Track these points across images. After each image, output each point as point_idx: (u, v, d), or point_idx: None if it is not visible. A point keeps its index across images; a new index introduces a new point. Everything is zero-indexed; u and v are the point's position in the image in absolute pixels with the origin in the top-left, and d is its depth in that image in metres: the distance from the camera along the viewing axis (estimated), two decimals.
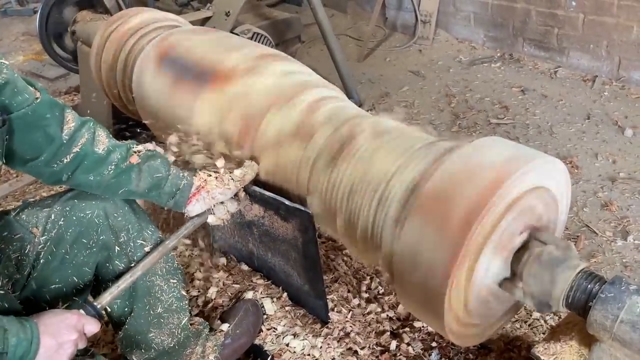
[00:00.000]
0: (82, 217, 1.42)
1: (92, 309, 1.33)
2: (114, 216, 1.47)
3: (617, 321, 1.11)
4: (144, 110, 2.04)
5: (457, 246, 1.14)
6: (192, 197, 1.52)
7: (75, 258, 1.43)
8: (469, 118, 3.26)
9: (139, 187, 1.44)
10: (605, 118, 3.11)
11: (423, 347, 1.74)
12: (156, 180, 1.45)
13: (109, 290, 1.39)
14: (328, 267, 2.08)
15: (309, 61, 4.12)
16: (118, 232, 1.47)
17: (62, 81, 4.14)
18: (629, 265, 2.09)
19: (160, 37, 2.07)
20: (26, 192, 2.79)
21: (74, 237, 1.41)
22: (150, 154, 1.47)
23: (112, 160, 1.38)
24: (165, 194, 1.48)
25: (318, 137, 1.54)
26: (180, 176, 1.51)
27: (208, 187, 1.54)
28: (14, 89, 1.21)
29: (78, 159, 1.35)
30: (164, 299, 1.55)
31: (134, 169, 1.42)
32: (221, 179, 1.57)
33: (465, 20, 4.26)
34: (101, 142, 1.38)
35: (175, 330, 1.57)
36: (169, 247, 1.53)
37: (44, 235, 1.38)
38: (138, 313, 1.51)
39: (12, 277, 1.33)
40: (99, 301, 1.36)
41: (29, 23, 5.47)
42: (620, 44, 3.37)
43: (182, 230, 1.56)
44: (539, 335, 1.76)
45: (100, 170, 1.38)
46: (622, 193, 2.48)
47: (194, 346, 1.61)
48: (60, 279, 1.41)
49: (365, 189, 1.40)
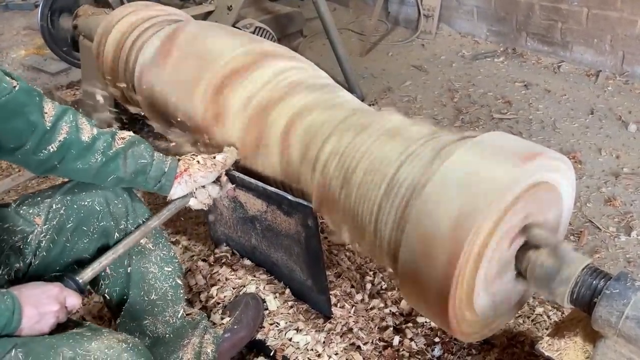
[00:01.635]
0: (83, 205, 1.44)
1: (73, 282, 1.33)
2: (115, 203, 1.49)
3: (622, 317, 1.10)
4: (145, 104, 2.04)
5: (462, 242, 1.13)
6: (174, 180, 1.54)
7: (76, 245, 1.45)
8: (471, 113, 3.25)
9: (126, 174, 1.45)
10: (608, 113, 3.10)
11: (426, 343, 1.74)
12: (141, 166, 1.47)
13: (91, 266, 1.40)
14: (331, 262, 2.08)
15: (311, 56, 4.10)
16: (118, 218, 1.49)
17: (63, 75, 4.13)
18: (632, 261, 2.08)
19: (164, 30, 2.06)
20: (28, 186, 2.79)
21: (75, 225, 1.43)
22: (133, 139, 1.48)
23: (97, 147, 1.39)
24: (151, 179, 1.49)
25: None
26: (164, 160, 1.52)
27: (190, 171, 1.56)
28: None
29: (64, 148, 1.35)
30: (157, 286, 1.56)
31: (119, 155, 1.43)
32: (204, 163, 1.59)
33: (468, 14, 4.24)
34: (85, 130, 1.39)
35: (170, 319, 1.58)
36: (151, 227, 1.54)
37: (45, 224, 1.40)
38: (133, 299, 1.54)
39: (12, 266, 1.35)
40: (81, 276, 1.37)
41: (30, 17, 5.45)
42: (624, 39, 3.36)
43: (164, 212, 1.57)
44: (542, 331, 1.75)
45: (87, 158, 1.38)
46: (626, 188, 2.47)
47: (190, 337, 1.61)
48: (60, 266, 1.43)
49: (370, 180, 1.39)
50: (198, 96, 1.77)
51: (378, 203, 1.35)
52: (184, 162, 1.57)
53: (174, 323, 1.59)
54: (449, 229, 1.16)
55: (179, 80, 1.86)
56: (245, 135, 1.69)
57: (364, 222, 1.40)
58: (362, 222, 1.41)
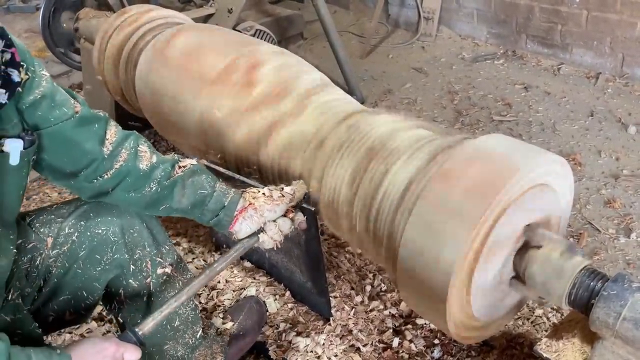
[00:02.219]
0: (96, 234, 1.35)
1: (133, 335, 1.22)
2: (130, 232, 1.39)
3: (619, 319, 1.11)
4: (146, 107, 2.05)
5: (461, 243, 1.14)
6: (239, 215, 1.40)
7: (88, 273, 1.36)
8: (471, 115, 3.25)
9: (181, 204, 1.36)
10: (608, 115, 3.10)
11: (425, 344, 1.74)
12: (200, 197, 1.37)
13: (152, 316, 1.27)
14: (331, 264, 2.08)
15: (311, 58, 4.11)
16: (134, 248, 1.41)
17: (64, 78, 4.13)
18: (631, 263, 2.08)
19: (163, 34, 2.07)
20: (30, 188, 2.79)
21: (87, 253, 1.35)
22: (194, 168, 1.40)
23: (155, 176, 1.32)
24: (208, 211, 1.39)
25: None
26: (225, 194, 1.41)
27: (256, 204, 1.41)
28: (51, 103, 1.17)
29: (120, 176, 1.29)
30: (181, 312, 1.50)
31: (177, 184, 1.35)
32: (269, 195, 1.45)
33: (468, 16, 4.24)
34: (145, 158, 1.32)
35: (189, 340, 1.54)
36: (217, 271, 1.40)
37: (54, 249, 1.32)
38: (155, 328, 1.40)
39: (24, 290, 1.29)
40: (141, 327, 1.24)
41: (31, 20, 5.46)
42: (623, 41, 3.36)
43: (232, 253, 1.41)
44: (541, 333, 1.76)
45: (142, 187, 1.32)
46: (625, 190, 2.48)
47: (202, 349, 1.59)
48: (70, 292, 1.36)
49: (368, 181, 1.40)
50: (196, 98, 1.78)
51: (376, 208, 1.36)
52: (250, 194, 1.43)
53: (193, 344, 1.55)
54: (446, 233, 1.16)
55: (179, 84, 1.87)
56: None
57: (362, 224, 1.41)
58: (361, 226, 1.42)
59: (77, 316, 1.40)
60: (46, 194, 2.69)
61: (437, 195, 1.22)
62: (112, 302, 1.46)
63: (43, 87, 1.15)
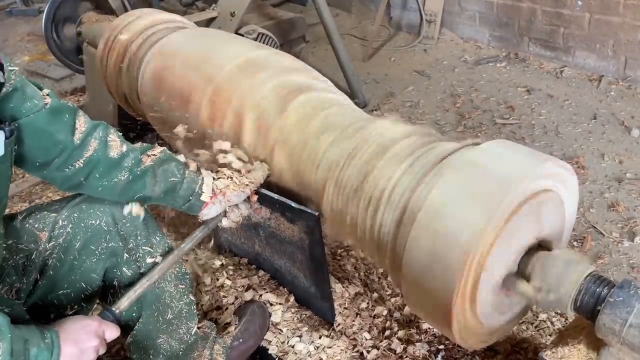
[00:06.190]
0: (90, 225, 1.40)
1: (110, 314, 1.31)
2: (123, 222, 1.44)
3: (625, 325, 1.10)
4: (149, 110, 2.05)
5: (466, 251, 1.13)
6: (209, 201, 1.50)
7: (84, 265, 1.41)
8: (474, 118, 3.25)
9: (154, 192, 1.41)
10: (611, 118, 3.10)
11: (429, 349, 1.74)
12: (171, 184, 1.43)
13: (127, 295, 1.36)
14: (335, 268, 2.08)
15: (313, 61, 4.12)
16: (127, 238, 1.45)
17: (67, 82, 4.15)
18: (636, 267, 2.08)
19: (165, 39, 2.07)
20: (32, 192, 2.80)
21: (82, 244, 1.40)
22: (164, 157, 1.45)
23: (125, 165, 1.36)
24: (180, 197, 1.46)
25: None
26: (195, 179, 1.49)
27: (226, 192, 1.52)
28: (23, 95, 1.20)
29: (91, 164, 1.32)
30: (173, 305, 1.53)
31: (148, 173, 1.39)
32: (237, 181, 1.54)
33: (471, 19, 4.24)
34: (114, 147, 1.36)
35: (184, 336, 1.56)
36: (184, 250, 1.50)
37: (50, 242, 1.37)
38: (147, 319, 1.50)
39: (13, 284, 1.32)
40: (117, 306, 1.34)
41: (34, 23, 5.48)
42: (626, 44, 3.36)
43: (197, 234, 1.53)
44: (545, 338, 1.75)
45: (114, 175, 1.35)
46: (629, 194, 2.47)
47: (201, 349, 1.61)
48: (68, 284, 1.40)
49: (371, 189, 1.39)
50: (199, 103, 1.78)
51: (382, 211, 1.35)
52: (220, 182, 1.53)
53: (187, 340, 1.57)
54: (452, 240, 1.16)
55: (180, 87, 1.87)
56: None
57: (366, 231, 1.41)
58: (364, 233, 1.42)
59: (78, 310, 1.43)
60: (49, 197, 2.70)
61: (442, 201, 1.21)
62: (108, 296, 1.50)
63: (13, 80, 1.18)
